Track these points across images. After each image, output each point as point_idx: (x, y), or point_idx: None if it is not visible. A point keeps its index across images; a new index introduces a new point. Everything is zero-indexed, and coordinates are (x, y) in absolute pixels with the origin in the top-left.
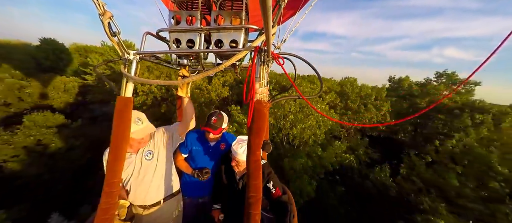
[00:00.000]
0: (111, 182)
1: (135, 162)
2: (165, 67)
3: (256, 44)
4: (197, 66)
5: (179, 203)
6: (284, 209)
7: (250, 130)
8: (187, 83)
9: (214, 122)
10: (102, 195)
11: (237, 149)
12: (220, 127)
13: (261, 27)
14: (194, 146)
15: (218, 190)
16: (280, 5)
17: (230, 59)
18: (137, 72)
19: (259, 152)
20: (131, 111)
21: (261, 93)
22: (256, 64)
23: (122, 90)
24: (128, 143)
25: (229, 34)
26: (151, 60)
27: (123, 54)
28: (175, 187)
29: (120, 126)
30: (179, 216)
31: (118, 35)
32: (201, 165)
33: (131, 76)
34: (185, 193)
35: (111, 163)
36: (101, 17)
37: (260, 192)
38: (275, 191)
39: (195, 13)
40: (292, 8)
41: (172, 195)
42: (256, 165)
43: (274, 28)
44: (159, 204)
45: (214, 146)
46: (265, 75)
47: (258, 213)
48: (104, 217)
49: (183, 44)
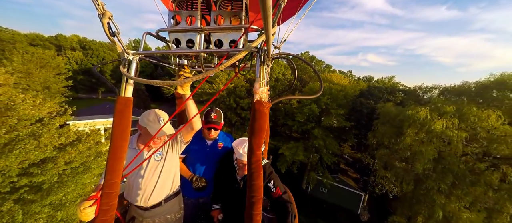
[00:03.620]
0: (111, 182)
1: (145, 160)
2: None
3: (256, 44)
4: (197, 66)
5: (180, 203)
6: (285, 209)
7: (250, 130)
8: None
9: (214, 118)
10: (102, 195)
11: (241, 152)
12: (221, 122)
13: (261, 27)
14: (191, 146)
15: (218, 190)
16: (280, 5)
17: (230, 59)
18: (137, 72)
19: (260, 152)
20: (131, 111)
21: (261, 93)
22: (256, 64)
23: (122, 90)
24: (127, 143)
25: (228, 34)
26: (151, 60)
27: (123, 54)
28: (177, 188)
29: (120, 126)
30: (179, 217)
31: (117, 35)
32: (199, 165)
33: (131, 76)
34: (185, 193)
35: (111, 163)
36: (101, 17)
37: (261, 192)
38: (276, 190)
39: (195, 13)
40: (292, 8)
41: (173, 195)
42: (257, 165)
43: (274, 28)
44: (161, 205)
45: (212, 145)
46: (265, 75)
47: (259, 213)
48: (104, 218)
49: (183, 44)
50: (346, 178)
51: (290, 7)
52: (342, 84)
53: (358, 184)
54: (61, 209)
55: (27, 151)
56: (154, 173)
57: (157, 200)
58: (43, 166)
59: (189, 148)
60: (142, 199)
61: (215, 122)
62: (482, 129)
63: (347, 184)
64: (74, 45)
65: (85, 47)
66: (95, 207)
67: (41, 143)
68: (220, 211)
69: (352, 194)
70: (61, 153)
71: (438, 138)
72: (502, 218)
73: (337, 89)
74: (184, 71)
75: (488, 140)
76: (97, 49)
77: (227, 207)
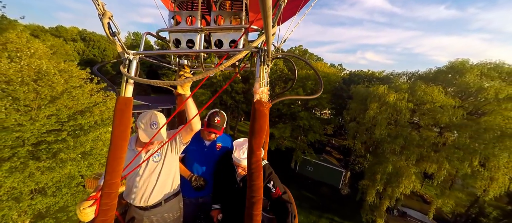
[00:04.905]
0: (111, 183)
1: (143, 162)
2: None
3: (256, 44)
4: (196, 66)
5: (180, 203)
6: (284, 209)
7: (250, 130)
8: (187, 83)
9: (218, 123)
10: (102, 196)
11: (240, 156)
12: (223, 127)
13: (261, 27)
14: (190, 146)
15: (218, 190)
16: (280, 5)
17: (230, 59)
18: (137, 72)
19: (260, 152)
20: (131, 111)
21: (261, 93)
22: (256, 64)
23: (122, 90)
24: (127, 143)
25: (229, 34)
26: (151, 60)
27: (123, 54)
28: (176, 188)
29: (120, 126)
30: (179, 217)
31: (117, 35)
32: (198, 165)
33: (131, 76)
34: (185, 193)
35: (111, 163)
36: (101, 17)
37: (261, 192)
38: (275, 191)
39: (195, 13)
40: (292, 8)
41: (173, 195)
42: (257, 166)
43: (274, 28)
44: (161, 205)
45: (210, 145)
46: (265, 75)
47: (259, 213)
48: (104, 218)
49: (183, 44)
50: (330, 157)
51: (290, 7)
52: (326, 72)
53: (340, 163)
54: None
55: (74, 100)
56: (153, 174)
57: (156, 200)
58: (83, 113)
59: (187, 148)
60: (141, 199)
61: (217, 127)
62: (427, 101)
63: (331, 162)
64: (75, 36)
65: (86, 39)
66: (94, 207)
67: (81, 98)
68: (219, 211)
69: (334, 171)
70: (93, 107)
71: (391, 108)
72: (441, 173)
73: (321, 76)
74: (184, 71)
75: (432, 111)
76: (99, 40)
77: (227, 207)
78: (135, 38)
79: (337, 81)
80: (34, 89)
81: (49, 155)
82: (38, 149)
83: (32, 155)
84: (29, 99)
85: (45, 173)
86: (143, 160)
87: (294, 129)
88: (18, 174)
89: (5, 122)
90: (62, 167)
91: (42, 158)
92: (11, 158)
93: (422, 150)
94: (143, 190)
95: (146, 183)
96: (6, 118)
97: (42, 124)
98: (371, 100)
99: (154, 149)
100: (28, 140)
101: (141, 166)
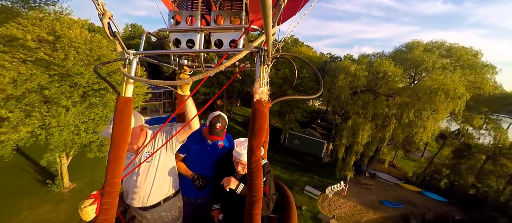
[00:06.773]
0: (112, 182)
1: (134, 163)
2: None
3: (256, 44)
4: (196, 65)
5: (179, 203)
6: (284, 209)
7: (250, 130)
8: (187, 83)
9: (219, 129)
10: (103, 195)
11: (241, 151)
12: (225, 131)
13: (261, 27)
14: (192, 145)
15: (218, 190)
16: (280, 5)
17: (230, 59)
18: (137, 72)
19: (260, 152)
20: (131, 111)
21: (261, 93)
22: (256, 64)
23: (122, 90)
24: (128, 143)
25: (229, 34)
26: (151, 60)
27: (123, 54)
28: (175, 187)
29: (120, 126)
30: (179, 216)
31: (117, 35)
32: (199, 164)
33: (131, 76)
34: (184, 193)
35: (112, 163)
36: (101, 17)
37: (261, 191)
38: (264, 187)
39: (195, 13)
40: (292, 8)
41: (172, 195)
42: (256, 165)
43: (274, 28)
44: (160, 205)
45: (212, 145)
46: (265, 75)
47: (259, 212)
48: (105, 217)
49: (183, 44)
50: (314, 132)
51: (290, 7)
52: (309, 55)
53: (323, 136)
54: None
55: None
56: (148, 175)
57: (156, 200)
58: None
59: (189, 147)
60: (140, 201)
61: (218, 134)
62: (381, 71)
63: (315, 135)
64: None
65: (95, 31)
66: (96, 206)
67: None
68: (220, 211)
69: (317, 143)
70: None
71: (352, 76)
72: (390, 126)
73: (304, 58)
74: (185, 71)
75: (385, 80)
76: (99, 30)
77: (227, 207)
78: (133, 29)
79: (319, 63)
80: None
81: (97, 94)
82: (86, 94)
83: (84, 97)
84: (85, 55)
85: (94, 109)
86: (131, 161)
87: (282, 105)
88: (78, 106)
89: (72, 69)
90: (104, 106)
91: (92, 98)
92: (72, 96)
93: (377, 110)
94: (140, 191)
95: (142, 184)
96: (72, 66)
97: (89, 76)
98: (339, 72)
99: (145, 148)
100: (82, 86)
101: (134, 168)
